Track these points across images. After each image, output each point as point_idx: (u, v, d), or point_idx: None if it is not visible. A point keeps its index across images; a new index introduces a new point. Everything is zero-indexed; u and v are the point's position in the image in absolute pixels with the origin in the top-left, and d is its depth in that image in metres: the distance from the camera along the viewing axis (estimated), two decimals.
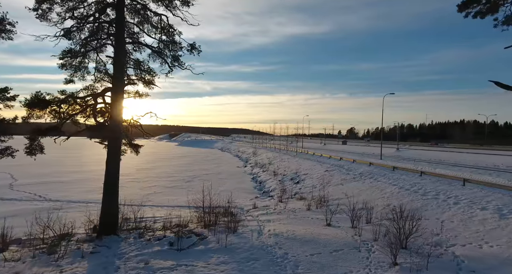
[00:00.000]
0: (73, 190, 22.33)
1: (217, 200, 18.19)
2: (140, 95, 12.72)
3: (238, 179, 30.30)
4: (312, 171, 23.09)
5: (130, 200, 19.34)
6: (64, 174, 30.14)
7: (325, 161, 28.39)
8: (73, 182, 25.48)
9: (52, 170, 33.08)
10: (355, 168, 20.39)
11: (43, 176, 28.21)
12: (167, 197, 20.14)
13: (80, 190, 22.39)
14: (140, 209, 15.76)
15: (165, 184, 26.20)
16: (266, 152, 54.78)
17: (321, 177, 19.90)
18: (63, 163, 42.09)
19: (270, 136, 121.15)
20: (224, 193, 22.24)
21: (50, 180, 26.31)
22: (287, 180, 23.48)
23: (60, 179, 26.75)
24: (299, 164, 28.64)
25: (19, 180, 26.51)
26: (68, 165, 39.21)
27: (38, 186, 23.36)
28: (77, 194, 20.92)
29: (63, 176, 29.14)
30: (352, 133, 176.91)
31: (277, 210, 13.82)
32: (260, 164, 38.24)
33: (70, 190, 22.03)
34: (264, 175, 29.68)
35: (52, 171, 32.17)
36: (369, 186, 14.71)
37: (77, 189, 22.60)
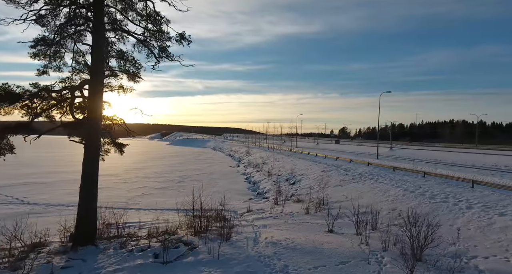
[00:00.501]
0: (55, 191, 20.95)
1: (209, 203, 17.16)
2: (124, 90, 11.61)
3: (231, 179, 29.28)
4: (308, 171, 22.26)
5: (116, 202, 18.14)
6: (47, 174, 28.58)
7: (321, 160, 27.63)
8: (56, 183, 24.04)
9: (35, 170, 31.44)
10: (353, 168, 19.63)
11: (23, 176, 26.63)
12: (155, 199, 19.00)
13: (63, 191, 21.02)
14: (125, 213, 14.61)
15: (154, 185, 25.00)
16: (260, 151, 53.87)
17: (318, 178, 19.08)
18: (47, 162, 40.32)
19: (263, 135, 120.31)
20: (216, 195, 21.21)
21: (31, 180, 24.80)
22: (282, 180, 22.59)
23: (43, 180, 25.25)
24: (294, 164, 27.80)
25: None
26: (53, 165, 37.49)
27: (17, 187, 21.87)
28: (58, 196, 19.57)
29: (46, 176, 27.60)
30: (344, 133, 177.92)
31: (273, 213, 12.90)
32: (254, 164, 37.29)
33: (52, 192, 20.65)
34: (258, 175, 28.74)
35: (35, 171, 30.55)
36: (371, 187, 13.94)
37: (60, 191, 21.23)
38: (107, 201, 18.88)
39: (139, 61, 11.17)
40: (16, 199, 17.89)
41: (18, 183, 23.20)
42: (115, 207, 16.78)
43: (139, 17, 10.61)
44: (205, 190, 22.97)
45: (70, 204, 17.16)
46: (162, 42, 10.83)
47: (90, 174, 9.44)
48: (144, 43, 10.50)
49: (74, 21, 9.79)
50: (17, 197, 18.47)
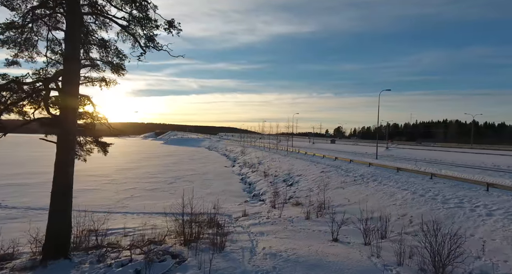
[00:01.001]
0: (38, 194, 19.63)
1: (202, 206, 16.09)
2: (107, 83, 10.48)
3: (226, 180, 28.24)
4: (307, 172, 21.35)
5: (102, 206, 16.97)
6: (32, 175, 27.14)
7: (319, 160, 26.75)
8: (39, 185, 22.67)
9: (20, 170, 29.96)
10: (354, 169, 18.77)
11: (5, 177, 25.19)
12: (145, 202, 17.88)
13: (46, 193, 19.69)
14: (110, 217, 13.50)
15: (145, 186, 23.83)
16: (255, 151, 52.88)
17: (318, 179, 18.18)
18: (34, 162, 38.63)
19: (258, 135, 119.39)
20: (210, 197, 20.16)
21: (13, 182, 23.42)
22: (280, 181, 21.64)
23: (26, 181, 23.87)
24: (291, 164, 26.88)
25: None
26: (40, 165, 35.85)
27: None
28: (40, 199, 18.26)
29: (30, 177, 26.19)
30: (339, 133, 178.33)
31: (271, 218, 11.93)
32: (249, 164, 36.30)
33: (34, 194, 19.34)
34: (253, 175, 27.75)
35: (19, 172, 29.08)
36: (375, 190, 13.05)
37: (43, 193, 19.89)
38: (93, 204, 17.72)
39: (123, 52, 10.08)
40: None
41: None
42: (100, 211, 15.66)
43: (123, 2, 9.52)
44: (198, 192, 21.94)
45: None
46: (149, 30, 9.76)
47: (63, 177, 8.33)
48: (128, 30, 9.41)
49: (48, 3, 8.66)
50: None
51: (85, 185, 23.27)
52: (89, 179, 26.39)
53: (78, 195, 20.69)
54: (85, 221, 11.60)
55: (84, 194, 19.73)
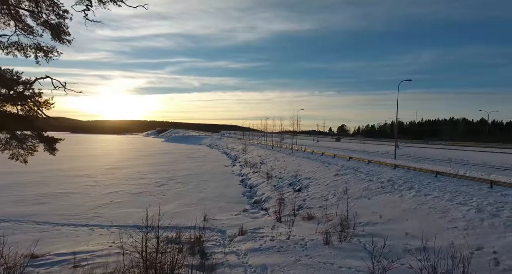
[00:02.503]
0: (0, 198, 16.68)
1: (190, 216, 13.07)
2: (45, 53, 7.41)
3: (224, 181, 25.19)
4: (317, 175, 18.21)
5: (70, 215, 13.99)
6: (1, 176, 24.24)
7: (330, 160, 23.57)
8: (7, 187, 19.77)
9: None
10: (377, 172, 15.55)
11: None
12: (123, 210, 14.87)
13: (11, 198, 16.80)
14: (70, 234, 10.50)
15: (130, 188, 20.83)
16: (257, 149, 49.79)
17: (332, 184, 15.04)
18: None
19: (261, 133, 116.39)
20: (202, 203, 17.07)
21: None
22: (285, 185, 18.53)
23: None
24: (298, 164, 23.74)
25: None
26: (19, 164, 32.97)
27: None
28: (1, 205, 15.32)
29: None
30: (343, 131, 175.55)
31: (276, 240, 8.84)
32: (251, 163, 33.21)
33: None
34: (255, 177, 24.65)
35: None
36: (415, 203, 9.87)
37: (7, 197, 16.98)
38: (58, 213, 14.72)
39: (63, 6, 6.99)
40: None
41: None
42: (62, 223, 12.70)
43: None
44: (190, 196, 18.79)
45: (10, 217, 12.97)
46: None
47: None
48: None
49: None
50: None
51: (63, 187, 20.35)
52: (71, 180, 23.49)
53: (49, 200, 17.77)
54: (26, 241, 8.64)
55: (57, 199, 16.79)
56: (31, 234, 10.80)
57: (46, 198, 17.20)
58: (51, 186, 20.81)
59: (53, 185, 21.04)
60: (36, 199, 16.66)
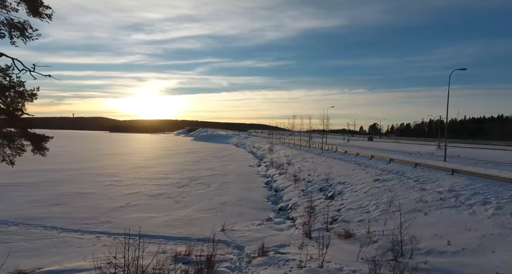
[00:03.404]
0: (23, 198, 16.43)
1: (206, 225, 11.50)
2: (21, 32, 6.11)
3: (248, 183, 23.53)
4: (352, 179, 15.83)
5: (81, 219, 13.12)
6: (32, 173, 24.63)
7: (367, 162, 20.87)
8: (35, 185, 19.75)
9: (23, 167, 27.81)
10: (429, 178, 12.75)
11: None
12: (136, 215, 13.73)
13: (33, 198, 16.46)
14: (74, 243, 9.39)
15: (150, 189, 19.91)
16: (284, 149, 47.64)
17: (373, 191, 12.64)
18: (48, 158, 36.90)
19: (288, 131, 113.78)
20: (222, 208, 15.50)
21: (5, 181, 20.75)
22: (315, 190, 16.36)
23: (22, 180, 21.14)
24: (329, 166, 21.36)
25: None
26: (51, 161, 33.77)
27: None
28: (22, 206, 14.92)
29: (28, 175, 23.61)
30: (374, 130, 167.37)
31: (305, 267, 6.89)
32: (277, 164, 31.25)
33: (17, 199, 16.14)
34: (281, 179, 22.68)
35: (21, 169, 26.85)
36: (499, 225, 7.14)
37: (30, 197, 16.69)
38: (72, 216, 13.98)
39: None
40: None
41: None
42: (71, 229, 11.78)
43: None
44: (210, 199, 17.27)
45: (21, 220, 12.32)
46: None
47: None
48: None
49: None
50: None
51: (85, 186, 19.96)
52: (95, 179, 23.24)
53: (67, 201, 17.20)
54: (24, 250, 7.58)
55: (75, 200, 16.18)
56: (33, 242, 9.88)
57: (65, 198, 16.69)
58: (74, 185, 20.55)
59: (77, 184, 20.77)
60: (55, 199, 16.18)
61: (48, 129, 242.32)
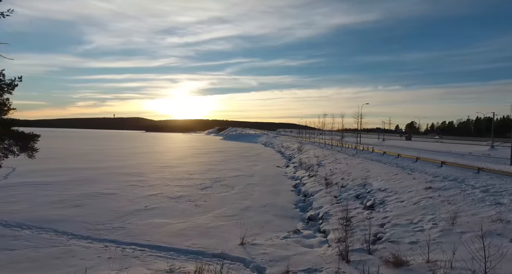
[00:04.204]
0: (45, 198, 16.32)
1: (224, 236, 10.11)
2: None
3: (274, 186, 21.87)
4: (396, 185, 13.49)
5: (93, 225, 12.34)
6: (58, 171, 25.17)
7: (412, 165, 18.15)
8: (58, 184, 19.84)
9: (53, 165, 28.75)
10: (504, 188, 10.03)
11: (29, 174, 23.44)
12: (152, 221, 12.72)
13: (54, 198, 16.32)
14: (76, 253, 8.47)
15: (172, 191, 19.08)
16: (314, 148, 45.19)
17: (425, 203, 10.29)
18: (81, 156, 38.22)
19: (318, 131, 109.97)
20: (245, 215, 14.02)
21: (33, 180, 21.18)
22: (350, 197, 14.24)
23: (47, 179, 21.47)
24: (366, 169, 18.97)
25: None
26: (82, 159, 34.85)
27: (3, 190, 18.07)
28: (43, 207, 14.70)
29: (54, 174, 24.09)
30: (412, 128, 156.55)
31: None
32: (306, 165, 29.18)
33: (40, 199, 16.05)
34: (310, 182, 20.70)
35: (49, 167, 27.74)
36: None
37: (52, 197, 16.58)
38: (87, 219, 13.26)
39: None
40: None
41: (11, 183, 19.52)
42: (81, 235, 11.01)
43: None
44: (232, 204, 15.82)
45: (36, 223, 11.85)
46: None
47: None
48: None
49: None
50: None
51: (108, 186, 19.67)
52: (119, 178, 23.07)
53: (87, 202, 16.68)
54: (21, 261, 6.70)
55: (94, 201, 15.71)
56: (38, 250, 9.15)
57: (86, 199, 16.33)
58: (99, 184, 20.38)
59: (101, 184, 20.60)
60: (76, 200, 15.85)
61: (92, 129, 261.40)
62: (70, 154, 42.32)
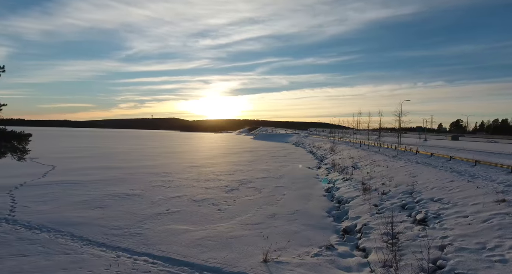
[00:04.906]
0: (72, 198, 16.39)
1: (245, 249, 8.84)
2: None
3: (305, 189, 20.18)
4: (453, 195, 11.18)
5: (110, 229, 11.72)
6: (91, 170, 25.75)
7: (470, 170, 15.39)
8: (89, 184, 20.07)
9: (88, 165, 29.67)
10: None
11: (65, 172, 24.18)
12: (171, 227, 11.84)
13: (79, 199, 16.33)
14: (75, 267, 7.74)
15: (196, 193, 18.31)
16: (348, 148, 42.35)
17: (500, 220, 8.04)
18: (119, 155, 39.40)
19: (352, 130, 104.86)
20: (270, 224, 12.59)
21: (67, 179, 21.70)
22: (395, 207, 12.16)
23: (80, 178, 21.91)
24: (411, 173, 16.55)
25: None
26: (117, 158, 35.82)
27: (34, 189, 18.52)
28: (67, 207, 14.66)
29: (88, 173, 24.62)
30: (458, 127, 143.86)
31: None
32: (340, 167, 26.96)
33: (67, 199, 16.12)
34: (345, 187, 18.69)
35: (86, 166, 28.61)
36: None
37: (78, 197, 16.62)
38: (105, 223, 12.67)
39: None
40: (5, 211, 13.58)
41: (46, 182, 20.07)
42: (96, 241, 10.40)
43: None
44: (258, 210, 14.41)
45: (56, 226, 11.57)
46: None
47: None
48: None
49: None
50: (12, 208, 14.27)
51: (134, 187, 19.46)
52: (146, 178, 22.95)
53: (110, 203, 16.05)
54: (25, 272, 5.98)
55: (117, 203, 15.35)
56: (48, 258, 8.62)
57: (111, 199, 16.10)
58: (126, 184, 20.31)
59: (129, 184, 20.51)
60: (100, 201, 15.65)
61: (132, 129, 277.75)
62: (108, 153, 44.18)
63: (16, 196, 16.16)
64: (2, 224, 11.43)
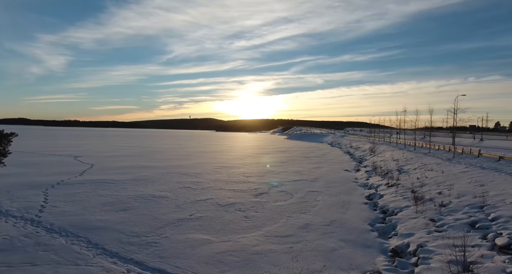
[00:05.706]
0: (100, 199, 16.24)
1: (270, 271, 7.25)
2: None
3: (342, 195, 18.05)
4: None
5: (128, 236, 10.85)
6: (125, 169, 26.05)
7: None
8: (119, 184, 20.06)
9: (123, 164, 30.26)
10: None
11: (98, 171, 24.67)
12: (191, 236, 10.75)
13: (106, 200, 16.12)
14: None
15: (223, 196, 17.22)
16: (391, 150, 38.58)
17: None
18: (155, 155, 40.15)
19: (393, 129, 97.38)
20: (301, 238, 10.84)
21: (97, 178, 21.99)
22: (459, 224, 9.73)
23: (111, 177, 22.09)
24: (477, 181, 13.67)
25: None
26: (154, 158, 36.36)
27: (61, 188, 18.80)
28: (92, 209, 14.43)
29: (121, 172, 24.88)
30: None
31: None
32: (382, 170, 24.13)
33: (95, 200, 15.98)
34: (390, 194, 16.23)
35: (122, 165, 29.17)
36: None
37: (105, 197, 16.45)
38: (123, 229, 11.77)
39: None
40: (27, 212, 13.55)
41: (81, 181, 20.42)
42: (110, 251, 9.58)
43: None
44: (287, 218, 12.50)
45: (75, 230, 11.14)
46: None
47: None
48: None
49: None
50: (41, 208, 14.35)
51: (162, 188, 19.01)
52: (176, 179, 22.52)
53: (135, 205, 15.08)
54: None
55: (142, 205, 14.81)
56: (57, 269, 7.98)
57: (136, 201, 15.65)
58: (155, 185, 19.97)
59: (156, 185, 20.17)
60: (126, 203, 15.27)
61: (172, 129, 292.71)
62: (145, 152, 45.54)
63: (49, 194, 16.46)
64: (27, 226, 11.28)
